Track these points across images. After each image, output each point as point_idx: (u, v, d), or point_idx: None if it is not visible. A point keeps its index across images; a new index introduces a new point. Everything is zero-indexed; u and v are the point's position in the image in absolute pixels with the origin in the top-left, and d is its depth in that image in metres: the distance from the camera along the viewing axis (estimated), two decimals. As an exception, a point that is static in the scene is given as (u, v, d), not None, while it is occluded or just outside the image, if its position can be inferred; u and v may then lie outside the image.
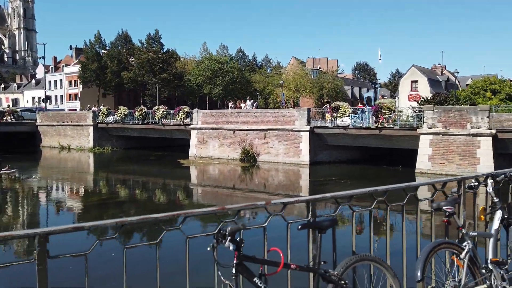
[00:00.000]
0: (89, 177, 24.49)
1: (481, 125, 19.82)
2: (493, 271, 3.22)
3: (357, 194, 2.97)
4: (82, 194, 18.78)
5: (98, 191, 19.46)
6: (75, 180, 22.42)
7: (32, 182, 21.12)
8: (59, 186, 20.87)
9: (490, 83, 42.82)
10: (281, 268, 2.46)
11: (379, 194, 3.12)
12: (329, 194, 2.87)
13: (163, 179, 23.28)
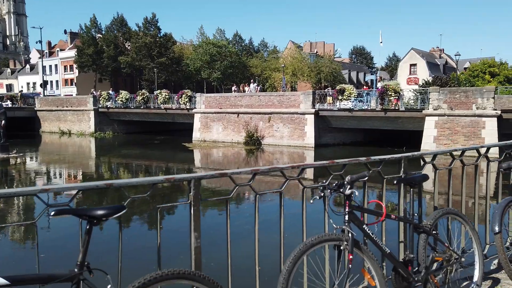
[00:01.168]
0: (91, 162, 24.43)
1: (487, 105, 20.11)
2: (559, 226, 3.43)
3: (439, 153, 3.14)
4: (86, 177, 18.80)
5: (101, 175, 19.43)
6: (78, 165, 22.38)
7: (39, 166, 21.12)
8: (62, 170, 20.86)
9: (489, 66, 43.12)
10: (383, 218, 2.63)
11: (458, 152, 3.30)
12: (417, 152, 3.03)
13: (166, 163, 23.31)
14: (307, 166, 2.56)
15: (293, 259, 2.29)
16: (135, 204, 13.67)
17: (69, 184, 1.76)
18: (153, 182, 1.96)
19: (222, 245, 2.39)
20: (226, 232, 2.31)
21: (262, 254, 2.48)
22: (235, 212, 15.91)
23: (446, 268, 2.90)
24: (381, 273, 2.48)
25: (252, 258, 2.44)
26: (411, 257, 2.74)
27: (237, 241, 9.95)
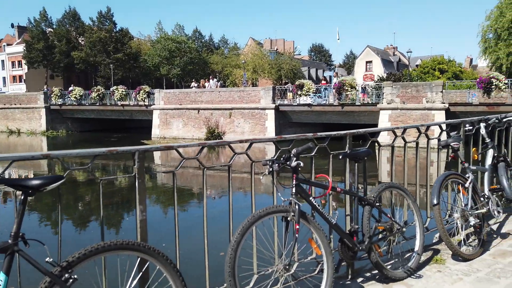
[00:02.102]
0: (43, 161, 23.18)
1: (436, 99, 21.27)
2: (491, 198, 3.72)
3: (383, 130, 3.31)
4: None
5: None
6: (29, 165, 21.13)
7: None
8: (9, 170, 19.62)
9: (438, 63, 45.53)
10: (329, 191, 2.73)
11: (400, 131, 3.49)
12: (362, 130, 3.17)
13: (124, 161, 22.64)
14: (256, 140, 2.61)
15: (241, 231, 2.33)
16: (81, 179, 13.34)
17: (2, 154, 1.68)
18: (95, 154, 1.92)
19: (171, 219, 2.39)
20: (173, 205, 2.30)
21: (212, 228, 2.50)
22: (184, 187, 15.85)
23: (389, 238, 3.06)
24: (326, 242, 2.58)
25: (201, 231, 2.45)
26: (356, 228, 2.87)
27: (187, 215, 10.02)
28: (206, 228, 2.43)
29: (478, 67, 62.25)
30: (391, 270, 3.01)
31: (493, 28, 30.57)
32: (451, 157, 3.70)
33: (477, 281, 2.96)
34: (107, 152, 1.95)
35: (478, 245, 3.48)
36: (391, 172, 3.52)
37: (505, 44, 29.42)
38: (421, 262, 3.28)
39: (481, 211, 3.58)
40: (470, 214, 3.44)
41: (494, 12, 30.81)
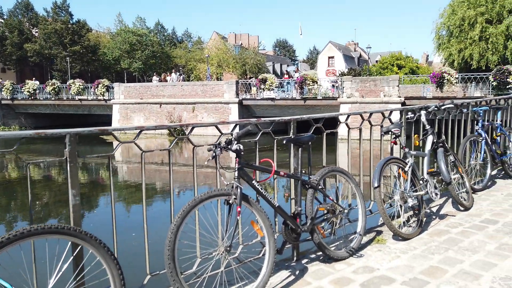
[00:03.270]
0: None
1: (392, 93, 22.10)
2: (429, 181, 3.94)
3: (326, 116, 3.42)
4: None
5: (5, 175, 17.57)
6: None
7: None
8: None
9: (396, 59, 47.22)
10: (272, 174, 2.79)
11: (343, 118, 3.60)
12: (306, 116, 3.26)
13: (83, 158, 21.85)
14: (197, 125, 2.62)
15: (181, 214, 2.33)
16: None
17: None
18: (21, 136, 1.85)
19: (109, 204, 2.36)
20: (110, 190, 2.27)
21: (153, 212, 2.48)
22: (122, 171, 15.65)
23: (332, 220, 3.17)
24: (268, 224, 2.64)
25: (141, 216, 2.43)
26: (299, 210, 2.96)
27: (127, 200, 9.87)
28: (145, 212, 2.41)
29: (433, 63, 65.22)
30: (334, 251, 3.13)
31: (446, 25, 32.03)
32: (392, 142, 3.88)
33: (412, 257, 3.13)
34: (34, 134, 1.88)
35: (417, 225, 3.68)
36: (336, 157, 3.65)
37: (456, 41, 30.93)
38: (363, 243, 3.44)
39: (420, 193, 3.78)
40: (409, 196, 3.63)
41: (446, 10, 32.28)
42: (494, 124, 5.50)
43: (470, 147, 5.13)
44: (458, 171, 4.47)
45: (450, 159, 4.43)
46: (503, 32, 28.33)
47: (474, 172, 5.11)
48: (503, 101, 6.01)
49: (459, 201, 4.26)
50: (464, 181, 4.55)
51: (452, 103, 4.50)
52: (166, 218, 2.58)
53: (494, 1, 28.99)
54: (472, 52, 29.71)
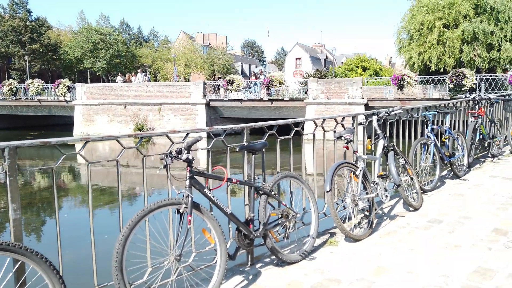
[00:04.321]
0: None
1: (356, 95, 22.72)
2: (379, 184, 4.12)
3: (280, 124, 3.50)
4: None
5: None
6: None
7: None
8: None
9: (361, 61, 48.60)
10: (225, 182, 2.84)
11: (296, 124, 3.71)
12: (260, 123, 3.33)
13: (43, 161, 21.01)
14: (146, 135, 2.62)
15: (129, 225, 2.33)
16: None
17: None
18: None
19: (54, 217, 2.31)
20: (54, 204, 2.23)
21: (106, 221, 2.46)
22: (68, 183, 15.26)
23: (285, 224, 3.26)
24: (220, 231, 2.68)
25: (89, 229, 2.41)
26: (252, 216, 3.02)
27: (73, 213, 9.62)
28: (92, 223, 2.39)
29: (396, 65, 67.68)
30: (286, 254, 3.22)
31: (406, 29, 33.28)
32: (344, 147, 4.03)
33: (362, 258, 3.28)
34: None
35: (368, 227, 3.84)
36: (290, 162, 3.75)
37: (416, 44, 32.22)
38: (316, 245, 3.55)
39: (371, 195, 3.95)
40: (360, 199, 3.79)
41: (407, 14, 33.55)
42: (443, 127, 5.81)
43: (421, 149, 5.39)
44: (408, 173, 4.70)
45: (401, 162, 4.65)
46: (459, 37, 29.79)
47: (424, 173, 5.38)
48: (452, 105, 6.36)
49: (409, 202, 4.48)
50: (414, 183, 4.79)
51: (401, 108, 4.72)
52: (117, 227, 2.56)
53: (451, 6, 30.44)
54: (431, 55, 31.05)
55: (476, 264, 3.08)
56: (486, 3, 29.17)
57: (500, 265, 3.06)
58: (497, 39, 29.06)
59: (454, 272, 2.96)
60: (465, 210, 4.46)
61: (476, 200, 4.85)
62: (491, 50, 29.52)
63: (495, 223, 3.99)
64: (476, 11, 29.85)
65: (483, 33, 28.96)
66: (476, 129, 6.78)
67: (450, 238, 3.64)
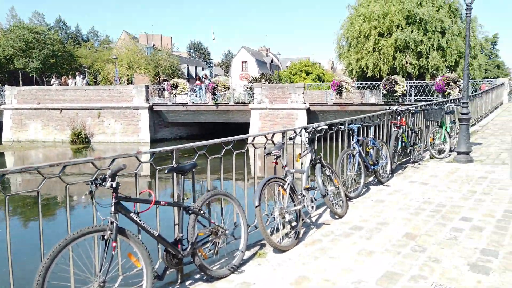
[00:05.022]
0: None
1: (298, 99, 23.51)
2: (306, 196, 4.42)
3: (210, 143, 3.65)
4: None
5: None
6: None
7: None
8: None
9: (304, 65, 50.16)
10: (152, 205, 2.93)
11: (227, 143, 3.88)
12: (189, 144, 3.45)
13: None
14: (69, 163, 2.64)
15: (51, 255, 2.35)
16: None
17: None
18: None
19: None
20: None
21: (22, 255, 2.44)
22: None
23: (215, 241, 3.41)
24: (146, 254, 2.77)
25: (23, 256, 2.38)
26: (181, 236, 3.14)
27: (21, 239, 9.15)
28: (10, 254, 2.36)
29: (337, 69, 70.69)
30: (215, 270, 3.37)
31: (345, 36, 35.02)
32: (273, 163, 4.27)
33: (286, 268, 3.52)
34: None
35: (295, 237, 4.11)
36: (220, 180, 3.92)
37: (354, 51, 34.01)
38: (246, 258, 3.74)
39: (298, 207, 4.23)
40: (287, 212, 4.05)
41: (346, 22, 35.32)
42: (367, 138, 6.31)
43: (347, 160, 5.82)
44: (334, 183, 5.07)
45: (327, 173, 5.00)
46: (392, 45, 31.90)
47: (351, 181, 5.82)
48: (377, 117, 6.91)
49: (334, 211, 4.84)
50: (340, 191, 5.17)
51: (326, 124, 5.09)
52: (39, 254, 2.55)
53: (385, 16, 32.52)
54: (368, 61, 32.93)
55: (385, 269, 3.45)
56: (416, 14, 31.54)
57: (404, 268, 3.46)
58: (426, 48, 31.55)
59: (366, 278, 3.30)
60: (383, 216, 4.90)
61: (394, 205, 5.35)
62: (421, 58, 31.97)
63: (407, 228, 4.46)
64: (407, 21, 32.16)
65: (414, 42, 31.29)
66: (398, 138, 7.43)
67: (366, 245, 4.01)
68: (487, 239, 4.08)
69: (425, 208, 5.18)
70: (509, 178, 6.73)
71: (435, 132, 8.80)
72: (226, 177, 4.22)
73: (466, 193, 5.87)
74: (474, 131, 12.95)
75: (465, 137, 8.22)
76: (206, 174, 3.84)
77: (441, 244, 3.98)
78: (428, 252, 3.78)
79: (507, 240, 4.04)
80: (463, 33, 32.03)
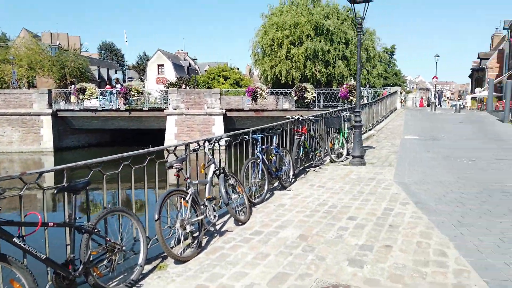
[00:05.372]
0: None
1: (215, 105, 23.73)
2: (208, 206, 4.59)
3: (106, 160, 3.62)
4: None
5: None
6: None
7: None
8: None
9: (222, 70, 50.63)
10: (39, 227, 2.84)
11: (125, 159, 3.88)
12: (81, 162, 3.39)
13: None
14: None
15: None
16: None
17: None
18: None
19: None
20: None
21: None
22: None
23: (110, 258, 3.41)
24: (31, 278, 2.68)
25: None
26: (72, 256, 3.08)
27: None
28: None
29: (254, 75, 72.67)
30: (113, 287, 3.36)
31: (260, 44, 36.24)
32: (175, 175, 4.37)
33: (185, 279, 3.65)
34: None
35: (196, 247, 4.26)
36: (118, 196, 3.91)
37: (269, 58, 35.37)
38: (146, 272, 3.78)
39: (199, 218, 4.39)
40: (187, 223, 4.18)
41: (260, 30, 36.58)
42: (270, 147, 6.73)
43: (252, 168, 6.15)
44: (237, 191, 5.33)
45: (230, 182, 5.25)
46: (303, 53, 33.85)
47: (255, 188, 6.15)
48: (280, 126, 7.38)
49: (237, 218, 5.09)
50: (243, 199, 5.45)
51: (228, 136, 5.35)
52: None
53: (296, 26, 34.39)
54: (281, 69, 34.49)
55: (277, 270, 3.77)
56: (323, 25, 33.92)
57: (294, 268, 3.82)
58: (333, 57, 34.09)
59: (259, 280, 3.57)
60: (283, 220, 5.30)
61: (294, 209, 5.80)
62: (328, 66, 34.45)
63: (301, 230, 4.88)
64: (316, 32, 34.43)
65: (322, 51, 33.60)
66: (300, 144, 8.02)
67: (264, 248, 4.32)
68: (366, 235, 4.67)
69: (319, 210, 5.71)
70: (392, 178, 7.69)
71: (334, 138, 9.66)
72: (141, 187, 4.24)
73: (356, 194, 6.58)
74: (370, 135, 14.43)
75: (359, 143, 9.17)
76: (125, 184, 3.80)
77: (328, 242, 4.45)
78: (316, 251, 4.21)
79: (382, 235, 4.67)
80: (364, 44, 35.33)
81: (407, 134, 14.79)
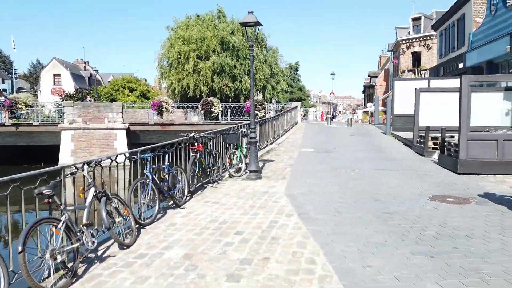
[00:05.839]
0: None
1: (117, 119, 22.63)
2: (85, 232, 4.39)
3: None
4: None
5: None
6: None
7: None
8: None
9: (127, 82, 48.51)
10: None
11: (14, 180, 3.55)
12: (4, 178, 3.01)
13: None
14: None
15: None
16: None
17: None
18: None
19: None
20: None
21: None
22: None
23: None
24: None
25: None
26: None
27: None
28: None
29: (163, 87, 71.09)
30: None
31: (166, 56, 35.74)
32: (45, 202, 4.10)
33: (52, 314, 3.43)
34: None
35: (70, 277, 4.03)
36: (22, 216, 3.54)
37: (176, 71, 35.03)
38: (6, 312, 3.47)
39: (75, 245, 4.17)
40: (59, 252, 3.94)
41: (166, 43, 36.10)
42: (162, 166, 6.68)
43: (141, 188, 6.03)
44: (122, 214, 5.18)
45: (113, 205, 5.09)
46: (210, 68, 34.25)
47: (144, 209, 6.04)
48: (172, 145, 7.38)
49: (120, 242, 4.95)
50: (130, 221, 5.32)
51: (109, 158, 5.20)
52: None
53: (202, 41, 34.71)
54: (189, 82, 34.40)
55: (155, 293, 3.76)
56: (229, 41, 34.82)
57: None
58: (239, 72, 35.09)
59: (134, 306, 3.53)
60: (170, 240, 5.28)
61: (184, 228, 5.82)
62: (235, 81, 35.35)
63: (187, 249, 4.93)
64: (222, 47, 35.16)
65: (228, 66, 34.39)
66: (196, 161, 8.10)
67: (145, 272, 4.26)
68: (249, 249, 4.91)
69: (209, 227, 5.82)
70: (283, 191, 8.19)
71: (232, 153, 9.95)
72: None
73: (247, 209, 6.85)
74: (271, 149, 15.16)
75: (255, 158, 9.59)
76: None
77: (212, 260, 4.58)
78: (198, 270, 4.29)
79: (263, 247, 4.96)
80: (268, 61, 37.11)
81: (304, 147, 15.84)
